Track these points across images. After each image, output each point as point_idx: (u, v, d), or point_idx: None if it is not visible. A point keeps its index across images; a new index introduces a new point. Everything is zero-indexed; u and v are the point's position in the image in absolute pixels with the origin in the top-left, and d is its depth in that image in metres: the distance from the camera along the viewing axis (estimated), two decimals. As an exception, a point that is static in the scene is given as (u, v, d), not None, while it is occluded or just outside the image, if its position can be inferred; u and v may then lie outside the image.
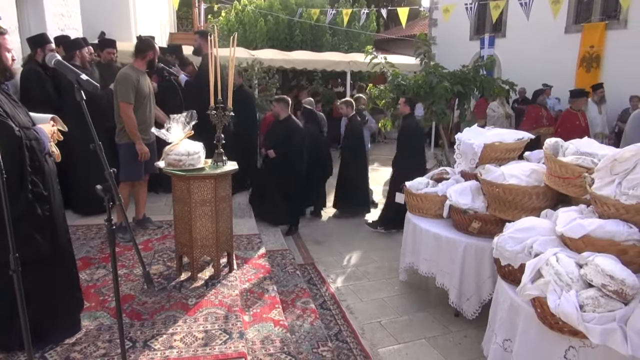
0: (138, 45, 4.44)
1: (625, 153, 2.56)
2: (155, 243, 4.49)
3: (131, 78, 4.24)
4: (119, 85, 4.24)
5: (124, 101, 4.21)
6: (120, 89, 4.22)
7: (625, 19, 9.44)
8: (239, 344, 2.84)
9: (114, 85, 4.31)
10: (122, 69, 4.44)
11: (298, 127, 6.05)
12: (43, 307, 2.66)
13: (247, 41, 13.80)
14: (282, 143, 5.86)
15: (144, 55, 4.36)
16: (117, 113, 4.33)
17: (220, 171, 3.60)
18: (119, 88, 4.23)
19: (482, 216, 3.77)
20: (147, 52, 4.36)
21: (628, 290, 2.29)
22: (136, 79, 4.27)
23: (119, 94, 4.23)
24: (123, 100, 4.21)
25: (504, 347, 2.87)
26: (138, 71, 4.35)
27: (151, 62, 4.43)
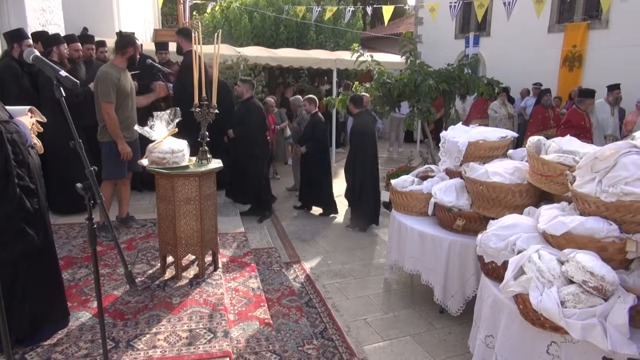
0: (118, 42, 4.37)
1: (606, 151, 2.60)
2: (139, 242, 4.44)
3: (111, 76, 4.16)
4: (99, 85, 4.15)
5: (105, 101, 4.14)
6: (100, 88, 4.14)
7: (606, 19, 9.59)
8: (223, 343, 2.82)
9: (94, 84, 4.23)
10: (102, 67, 4.36)
11: (259, 108, 6.06)
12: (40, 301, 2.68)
13: (233, 38, 13.70)
14: (242, 123, 5.91)
15: (124, 51, 4.28)
16: (98, 112, 4.26)
17: (204, 169, 3.57)
18: (99, 87, 4.15)
19: (467, 214, 3.80)
20: (126, 48, 4.28)
21: (608, 286, 2.32)
22: (117, 77, 4.20)
23: (100, 93, 4.15)
24: (104, 100, 4.14)
25: (485, 343, 2.90)
26: (118, 69, 4.28)
27: (132, 59, 4.35)
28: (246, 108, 5.97)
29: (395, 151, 11.57)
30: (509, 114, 9.49)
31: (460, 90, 6.94)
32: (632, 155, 2.53)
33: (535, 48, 10.92)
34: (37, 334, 2.74)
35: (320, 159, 6.69)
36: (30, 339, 2.71)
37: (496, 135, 4.13)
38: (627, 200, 2.46)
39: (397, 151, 11.56)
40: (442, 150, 4.40)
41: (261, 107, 6.18)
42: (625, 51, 9.07)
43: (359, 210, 6.25)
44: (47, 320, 2.77)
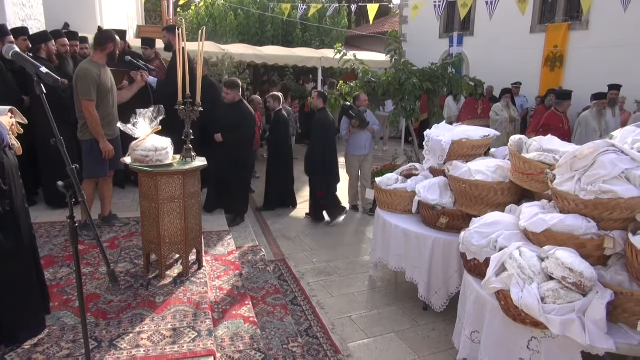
0: (97, 37, 4.32)
1: (585, 150, 2.66)
2: (122, 241, 4.40)
3: (91, 73, 4.10)
4: (79, 82, 4.09)
5: (85, 98, 4.08)
6: (80, 86, 4.08)
7: (587, 20, 9.75)
8: (207, 342, 2.81)
9: (74, 82, 4.16)
10: (81, 64, 4.28)
11: (251, 113, 5.84)
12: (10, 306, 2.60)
13: (218, 35, 13.61)
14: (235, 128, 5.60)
15: (103, 47, 4.22)
16: (78, 109, 4.20)
17: (189, 167, 3.55)
18: (79, 84, 4.09)
19: (450, 212, 3.84)
20: (106, 44, 4.21)
21: (586, 282, 2.38)
22: (97, 74, 4.14)
23: (80, 90, 4.09)
24: (84, 98, 4.08)
25: (472, 339, 2.95)
26: (98, 65, 4.21)
27: (111, 55, 4.29)
28: (239, 113, 5.65)
29: (380, 149, 11.62)
30: (511, 117, 8.95)
31: (444, 89, 7.00)
32: (610, 154, 2.58)
33: (518, 48, 11.07)
34: (12, 339, 2.67)
35: (281, 154, 6.74)
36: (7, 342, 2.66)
37: (479, 134, 4.18)
38: (605, 198, 2.52)
39: (382, 149, 11.62)
40: (426, 148, 4.44)
41: (252, 111, 5.97)
42: (605, 52, 9.24)
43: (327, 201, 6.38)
44: (20, 328, 2.69)
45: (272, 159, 6.86)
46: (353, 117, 6.36)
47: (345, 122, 6.58)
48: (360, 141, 6.58)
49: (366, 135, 6.60)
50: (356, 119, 6.34)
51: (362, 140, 6.59)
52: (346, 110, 6.50)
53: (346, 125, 6.54)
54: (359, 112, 6.42)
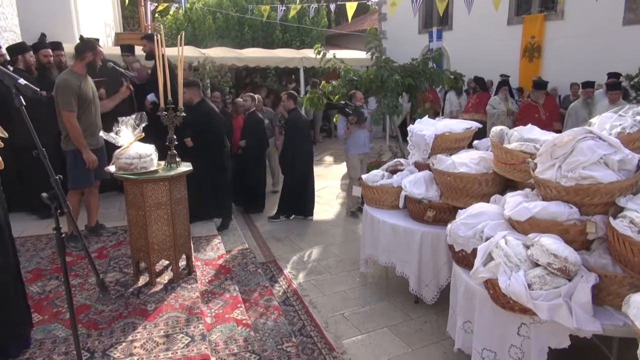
0: (77, 47, 4.27)
1: (564, 138, 2.71)
2: (110, 250, 4.36)
3: (71, 84, 4.06)
4: (59, 93, 4.05)
5: (66, 109, 4.04)
6: (60, 97, 4.04)
7: (562, 10, 9.92)
8: (201, 346, 2.81)
9: (54, 92, 4.11)
10: (61, 74, 4.24)
11: (214, 110, 5.61)
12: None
13: (197, 40, 13.56)
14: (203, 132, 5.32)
15: (82, 57, 4.18)
16: (60, 120, 4.15)
17: (174, 173, 3.53)
18: (59, 95, 4.05)
19: (436, 205, 3.89)
20: (85, 53, 4.18)
21: (571, 267, 2.43)
22: (77, 84, 4.10)
23: (60, 101, 4.05)
24: (65, 108, 4.04)
25: (464, 329, 2.99)
26: (78, 75, 4.18)
27: (91, 64, 4.25)
28: (202, 114, 5.32)
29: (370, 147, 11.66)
30: (508, 109, 8.56)
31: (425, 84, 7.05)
32: (588, 140, 2.64)
33: (496, 40, 11.20)
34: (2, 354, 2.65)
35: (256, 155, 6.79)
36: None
37: (461, 127, 4.23)
38: (585, 184, 2.58)
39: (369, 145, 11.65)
40: (410, 143, 4.48)
41: (214, 108, 5.71)
42: (580, 40, 9.40)
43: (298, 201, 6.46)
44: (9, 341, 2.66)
45: (247, 161, 6.76)
46: (350, 113, 6.23)
47: (342, 122, 6.40)
48: (360, 139, 6.43)
49: (364, 133, 6.47)
50: (353, 115, 6.22)
51: (361, 139, 6.44)
52: (342, 109, 6.36)
53: (343, 125, 6.37)
54: (356, 107, 6.36)
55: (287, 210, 6.55)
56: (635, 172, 2.64)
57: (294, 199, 6.50)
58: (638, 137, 3.02)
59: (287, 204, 6.52)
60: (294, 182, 6.42)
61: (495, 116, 8.62)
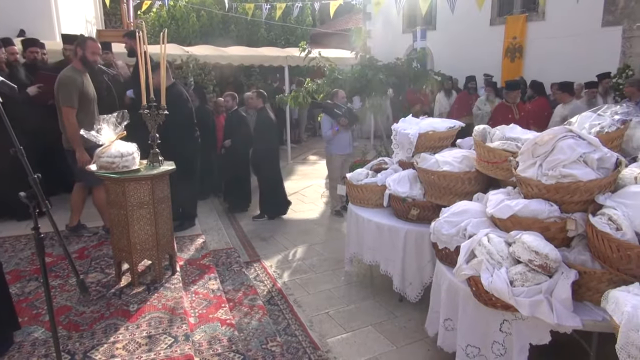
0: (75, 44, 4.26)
1: (544, 137, 2.75)
2: (91, 250, 4.30)
3: (74, 81, 4.04)
4: (61, 89, 4.01)
5: (67, 106, 4.00)
6: (62, 93, 4.00)
7: (543, 11, 10.06)
8: (185, 347, 2.79)
9: (56, 89, 4.07)
10: (64, 71, 4.20)
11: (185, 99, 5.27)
12: None
13: (180, 37, 13.43)
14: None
15: (75, 53, 4.18)
16: (60, 118, 4.09)
17: (156, 172, 3.49)
18: (61, 92, 4.01)
19: (420, 203, 3.91)
20: (76, 48, 4.18)
21: (551, 263, 2.47)
22: (80, 81, 4.09)
23: (62, 98, 4.01)
24: (66, 105, 4.00)
25: (445, 327, 3.01)
26: (80, 72, 4.16)
27: (84, 60, 4.20)
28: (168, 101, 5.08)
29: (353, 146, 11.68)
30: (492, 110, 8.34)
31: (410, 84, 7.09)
32: (568, 139, 2.68)
33: (479, 40, 11.31)
34: None
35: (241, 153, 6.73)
36: None
37: (444, 126, 4.26)
38: (565, 182, 2.62)
39: (352, 145, 11.67)
40: (395, 142, 4.50)
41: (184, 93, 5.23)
42: (560, 41, 9.55)
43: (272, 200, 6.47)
44: None
45: (232, 159, 6.73)
46: (340, 115, 6.15)
47: (326, 122, 6.34)
48: (344, 140, 6.42)
49: (348, 133, 6.46)
50: (345, 117, 6.17)
51: (345, 139, 6.44)
52: (330, 109, 6.27)
53: (328, 124, 6.30)
54: (348, 109, 6.32)
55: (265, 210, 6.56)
56: (613, 170, 2.69)
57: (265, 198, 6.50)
58: (616, 136, 3.09)
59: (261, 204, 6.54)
60: (263, 182, 6.42)
61: (480, 117, 8.62)
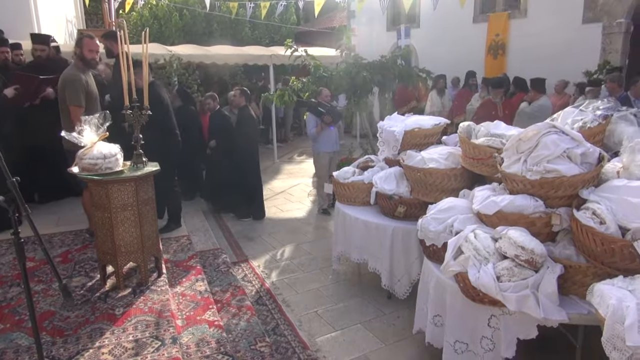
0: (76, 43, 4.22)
1: (528, 133, 2.77)
2: (75, 254, 4.22)
3: (80, 79, 4.00)
4: (67, 88, 3.97)
5: (75, 104, 3.95)
6: (69, 92, 3.95)
7: (525, 8, 10.16)
8: (172, 350, 2.75)
9: (61, 88, 4.02)
10: (67, 69, 4.15)
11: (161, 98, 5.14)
12: None
13: (163, 37, 13.29)
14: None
15: (75, 52, 4.14)
16: (64, 118, 4.02)
17: (140, 173, 3.44)
18: (67, 91, 3.96)
19: (407, 200, 3.92)
20: (75, 47, 4.15)
21: (537, 258, 2.49)
22: (85, 80, 4.05)
23: (69, 97, 3.96)
24: (74, 104, 3.95)
25: (434, 323, 3.02)
26: (83, 70, 4.12)
27: (82, 59, 4.15)
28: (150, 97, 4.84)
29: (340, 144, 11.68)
30: None
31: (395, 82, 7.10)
32: (552, 135, 2.71)
33: (463, 38, 11.38)
34: None
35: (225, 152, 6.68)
36: None
37: (430, 123, 4.28)
38: (550, 177, 2.64)
39: (339, 142, 11.68)
40: (380, 140, 4.50)
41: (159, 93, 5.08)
42: (542, 38, 9.65)
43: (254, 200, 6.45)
44: None
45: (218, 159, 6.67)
46: (324, 113, 6.18)
47: (311, 120, 6.34)
48: (330, 137, 6.42)
49: (334, 131, 6.48)
50: (329, 114, 6.18)
51: (331, 137, 6.44)
52: (313, 107, 6.28)
53: (313, 122, 6.31)
54: (331, 107, 6.33)
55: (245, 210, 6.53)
56: (596, 165, 2.72)
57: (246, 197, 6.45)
58: (598, 131, 3.13)
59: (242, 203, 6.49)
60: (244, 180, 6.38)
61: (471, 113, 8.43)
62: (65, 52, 6.78)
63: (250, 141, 6.35)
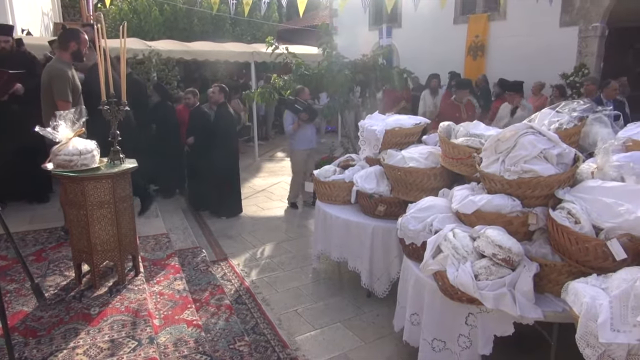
0: (60, 36, 4.09)
1: (507, 133, 2.81)
2: (49, 252, 4.12)
3: (66, 73, 3.89)
4: (54, 82, 3.85)
5: (62, 99, 3.84)
6: (56, 86, 3.84)
7: (504, 10, 10.31)
8: (149, 350, 2.71)
9: (45, 82, 3.90)
10: (51, 62, 4.03)
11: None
12: None
13: (143, 32, 13.08)
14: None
15: (66, 46, 4.00)
16: (47, 113, 3.90)
17: (118, 170, 3.37)
18: (55, 85, 3.85)
19: (387, 199, 3.94)
20: (69, 42, 4.01)
21: (514, 257, 2.52)
22: (71, 75, 3.95)
23: (56, 91, 3.85)
24: (61, 99, 3.84)
25: (411, 321, 3.05)
26: (68, 64, 4.02)
27: (75, 54, 4.05)
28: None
29: (317, 142, 11.67)
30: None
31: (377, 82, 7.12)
32: (529, 135, 2.75)
33: (443, 38, 11.50)
34: None
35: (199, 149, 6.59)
36: None
37: (410, 122, 4.31)
38: (527, 177, 2.69)
39: (319, 142, 11.68)
40: (361, 139, 4.52)
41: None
42: (520, 40, 9.81)
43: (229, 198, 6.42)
44: None
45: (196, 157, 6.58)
46: (301, 110, 6.24)
47: (289, 117, 6.41)
48: (307, 134, 6.49)
49: (312, 128, 6.56)
50: (305, 112, 6.24)
51: (308, 134, 6.51)
52: (291, 105, 6.34)
53: (290, 119, 6.38)
54: (307, 104, 6.36)
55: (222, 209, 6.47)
56: (571, 165, 2.78)
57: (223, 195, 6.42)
58: (574, 132, 3.19)
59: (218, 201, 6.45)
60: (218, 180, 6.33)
61: None
62: (40, 46, 6.62)
63: (228, 138, 6.29)
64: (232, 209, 6.48)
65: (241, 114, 10.60)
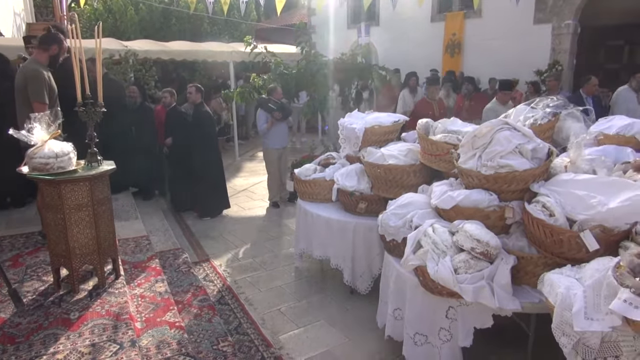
0: (42, 37, 4.00)
1: (483, 129, 2.87)
2: (26, 257, 4.04)
3: (42, 74, 3.81)
4: (30, 83, 3.78)
5: (39, 101, 3.77)
6: (32, 87, 3.77)
7: (480, 8, 10.46)
8: (131, 353, 2.68)
9: (20, 83, 3.82)
10: (27, 63, 3.94)
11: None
12: None
13: (119, 32, 12.88)
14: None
15: (47, 48, 3.93)
16: (22, 115, 3.81)
17: (95, 172, 3.33)
18: (30, 86, 3.77)
19: (368, 197, 3.97)
20: (51, 45, 3.94)
21: (492, 250, 2.58)
22: (47, 76, 3.87)
23: (32, 93, 3.77)
24: (38, 100, 3.77)
25: (394, 316, 3.08)
26: (44, 66, 3.94)
27: (54, 58, 3.97)
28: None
29: (298, 141, 11.69)
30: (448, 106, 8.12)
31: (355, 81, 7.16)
32: (505, 131, 2.81)
33: (421, 36, 11.61)
34: None
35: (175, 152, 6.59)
36: None
37: (389, 120, 4.35)
38: (503, 172, 2.75)
39: (300, 141, 11.69)
40: (341, 137, 4.54)
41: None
42: (496, 37, 9.98)
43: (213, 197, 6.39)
44: None
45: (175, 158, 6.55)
46: (274, 109, 6.29)
47: (262, 116, 6.47)
48: (280, 133, 6.56)
49: (283, 127, 6.62)
50: (278, 111, 6.29)
51: (282, 133, 6.58)
52: (264, 103, 6.40)
53: (264, 118, 6.44)
54: (281, 103, 6.39)
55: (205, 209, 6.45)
56: (545, 159, 2.85)
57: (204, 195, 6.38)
58: (548, 127, 3.27)
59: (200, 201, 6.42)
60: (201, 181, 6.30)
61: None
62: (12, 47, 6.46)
63: (207, 137, 6.25)
64: (218, 207, 6.45)
65: (222, 114, 10.52)
